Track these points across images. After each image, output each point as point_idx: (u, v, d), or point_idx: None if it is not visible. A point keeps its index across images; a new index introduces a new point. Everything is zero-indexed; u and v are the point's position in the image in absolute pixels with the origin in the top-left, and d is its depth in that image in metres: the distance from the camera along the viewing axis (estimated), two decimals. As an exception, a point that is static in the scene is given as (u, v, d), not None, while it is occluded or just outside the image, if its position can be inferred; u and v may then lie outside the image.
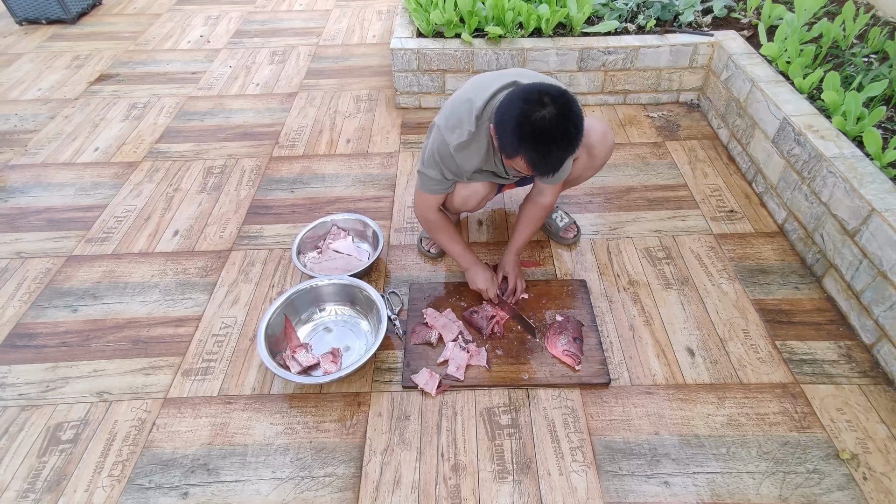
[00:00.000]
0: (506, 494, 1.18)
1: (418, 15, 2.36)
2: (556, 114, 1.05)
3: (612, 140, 1.50)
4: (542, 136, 1.06)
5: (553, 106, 1.06)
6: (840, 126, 1.65)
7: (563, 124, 1.06)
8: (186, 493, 1.20)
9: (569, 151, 1.10)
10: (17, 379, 1.44)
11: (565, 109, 1.06)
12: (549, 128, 1.05)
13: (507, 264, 1.56)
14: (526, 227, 1.52)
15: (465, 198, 1.46)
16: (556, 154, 1.08)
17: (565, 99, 1.08)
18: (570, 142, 1.08)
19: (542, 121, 1.05)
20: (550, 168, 1.12)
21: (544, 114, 1.05)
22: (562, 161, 1.11)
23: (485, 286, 1.51)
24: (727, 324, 1.50)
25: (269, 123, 2.43)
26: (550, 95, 1.07)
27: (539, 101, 1.06)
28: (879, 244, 1.36)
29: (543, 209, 1.49)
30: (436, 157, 1.33)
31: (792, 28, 2.05)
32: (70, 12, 3.35)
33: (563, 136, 1.07)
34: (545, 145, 1.07)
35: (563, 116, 1.06)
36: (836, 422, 1.27)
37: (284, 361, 1.40)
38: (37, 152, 2.30)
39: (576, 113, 1.08)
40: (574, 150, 1.11)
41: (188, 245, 1.83)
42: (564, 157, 1.10)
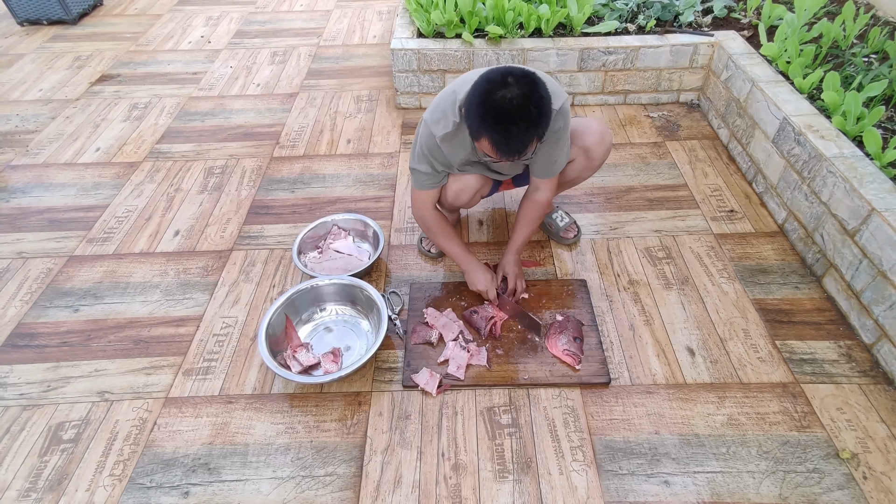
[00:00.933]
0: (506, 494, 1.18)
1: (419, 15, 2.36)
2: (519, 94, 1.06)
3: (609, 140, 1.50)
4: (501, 116, 1.06)
5: (516, 86, 1.06)
6: (840, 126, 1.65)
7: (524, 104, 1.06)
8: (187, 492, 1.20)
9: (531, 132, 1.09)
10: (18, 379, 1.45)
11: (528, 90, 1.06)
12: (510, 107, 1.06)
13: (507, 265, 1.56)
14: (524, 226, 1.52)
15: (457, 191, 1.46)
16: (517, 134, 1.08)
17: (528, 80, 1.08)
18: (532, 122, 1.07)
19: (502, 100, 1.06)
20: (513, 149, 1.11)
21: (505, 93, 1.06)
22: (524, 142, 1.09)
23: (484, 287, 1.51)
24: (727, 323, 1.51)
25: (269, 124, 2.44)
26: (514, 76, 1.07)
27: (502, 81, 1.07)
28: (879, 244, 1.36)
29: (540, 206, 1.47)
30: (424, 150, 1.34)
31: (792, 28, 2.06)
32: (71, 13, 3.36)
33: (523, 116, 1.06)
34: (505, 125, 1.07)
35: (524, 96, 1.06)
36: (836, 421, 1.28)
37: (285, 361, 1.40)
38: (38, 153, 2.30)
39: (539, 94, 1.08)
40: (538, 132, 1.10)
41: (189, 245, 1.83)
42: (526, 138, 1.09)
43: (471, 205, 1.57)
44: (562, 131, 1.32)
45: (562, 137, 1.34)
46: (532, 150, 1.17)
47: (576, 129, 1.48)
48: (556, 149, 1.35)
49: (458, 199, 1.49)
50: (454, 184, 1.45)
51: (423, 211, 1.48)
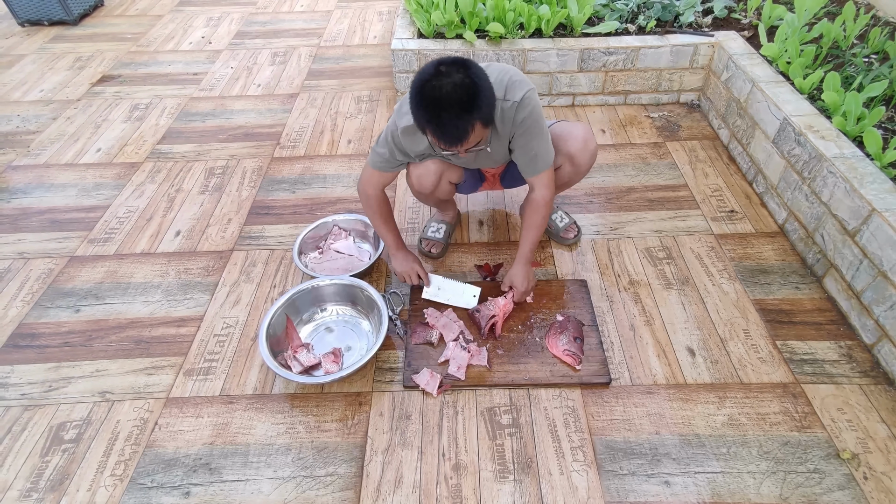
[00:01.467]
0: (507, 494, 1.18)
1: (419, 16, 2.37)
2: (448, 81, 1.07)
3: (593, 146, 1.49)
4: (433, 104, 1.09)
5: (446, 75, 1.08)
6: (840, 126, 1.65)
7: (454, 91, 1.07)
8: (188, 492, 1.20)
9: (465, 118, 1.09)
10: (19, 379, 1.45)
11: (458, 76, 1.08)
12: (440, 95, 1.07)
13: (515, 276, 1.51)
14: (528, 231, 1.48)
15: (419, 177, 1.46)
16: (450, 120, 1.09)
17: (459, 66, 1.09)
18: (464, 107, 1.08)
19: (432, 89, 1.08)
20: (451, 136, 1.11)
21: (435, 82, 1.08)
22: (460, 128, 1.09)
23: (402, 270, 1.54)
24: (728, 324, 1.51)
25: (270, 124, 2.44)
26: (445, 65, 1.09)
27: (434, 72, 1.09)
28: (880, 244, 1.36)
29: (539, 207, 1.44)
30: (388, 137, 1.37)
31: (792, 28, 2.06)
32: (72, 14, 3.37)
33: (454, 103, 1.07)
34: (436, 112, 1.09)
35: (454, 83, 1.07)
36: (837, 421, 1.28)
37: (286, 361, 1.41)
38: (39, 153, 2.31)
39: (471, 80, 1.08)
40: (473, 116, 1.09)
41: (190, 245, 1.84)
42: (461, 124, 1.09)
43: (442, 192, 1.55)
44: (530, 123, 1.29)
45: (533, 129, 1.31)
46: (481, 137, 1.17)
47: (559, 135, 1.47)
48: (532, 141, 1.32)
49: (423, 184, 1.48)
50: (415, 170, 1.46)
51: (368, 189, 1.48)
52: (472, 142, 1.16)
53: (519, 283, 1.50)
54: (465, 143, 1.14)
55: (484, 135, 1.19)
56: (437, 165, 1.45)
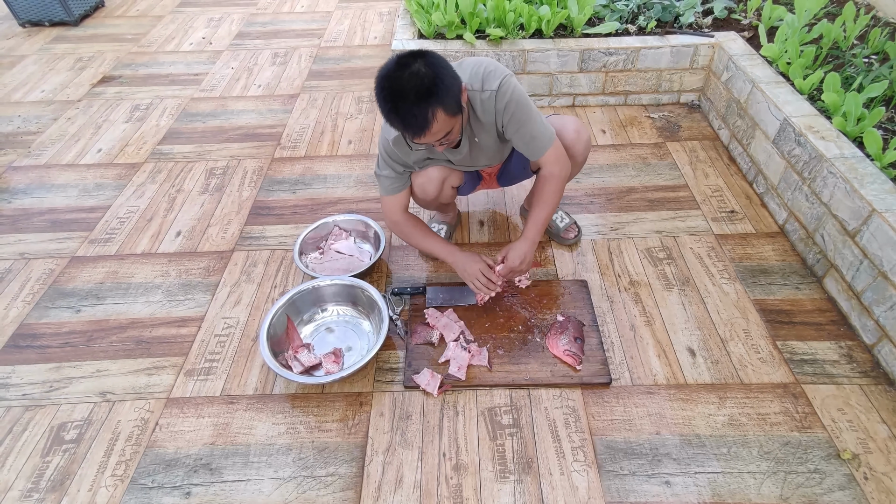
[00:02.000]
0: (507, 494, 1.18)
1: (420, 16, 2.37)
2: (406, 72, 1.08)
3: (586, 136, 1.49)
4: (391, 95, 1.09)
5: (405, 66, 1.09)
6: (840, 127, 1.65)
7: (410, 79, 1.08)
8: (189, 492, 1.21)
9: (421, 105, 1.08)
10: (20, 379, 1.45)
11: (415, 66, 1.09)
12: (397, 85, 1.08)
13: (512, 249, 1.42)
14: (536, 207, 1.41)
15: (422, 185, 1.46)
16: (408, 109, 1.09)
17: (416, 56, 1.11)
18: (420, 95, 1.08)
19: (390, 80, 1.09)
20: (412, 125, 1.11)
21: (393, 74, 1.09)
22: (418, 116, 1.09)
23: (476, 271, 1.43)
24: (728, 324, 1.51)
25: (270, 125, 2.44)
26: (404, 57, 1.10)
27: (394, 65, 1.10)
28: (880, 244, 1.36)
29: (550, 180, 1.37)
30: (383, 154, 1.38)
31: (792, 29, 2.06)
32: (73, 14, 3.37)
33: (410, 91, 1.08)
34: (395, 103, 1.10)
35: (411, 73, 1.08)
36: (837, 422, 1.28)
37: (286, 361, 1.41)
38: (40, 154, 2.31)
39: (427, 70, 1.08)
40: (430, 104, 1.09)
41: (191, 246, 1.84)
42: (419, 112, 1.09)
43: (445, 197, 1.55)
44: (514, 108, 1.28)
45: (519, 114, 1.29)
46: (450, 128, 1.16)
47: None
48: (524, 126, 1.30)
49: (426, 193, 1.48)
50: (417, 178, 1.45)
51: (395, 216, 1.48)
52: (438, 132, 1.14)
53: (512, 257, 1.41)
54: (430, 133, 1.13)
55: (452, 124, 1.17)
56: (438, 172, 1.45)
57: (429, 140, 1.17)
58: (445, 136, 1.19)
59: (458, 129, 1.22)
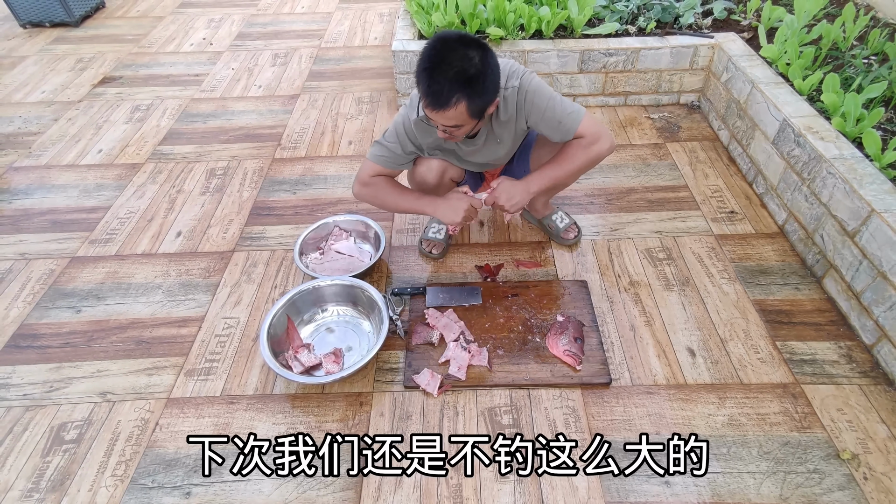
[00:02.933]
0: (507, 494, 1.18)
1: (420, 17, 2.37)
2: (464, 51, 1.12)
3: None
4: (435, 57, 1.12)
5: (465, 45, 1.13)
6: (840, 127, 1.65)
7: (460, 60, 1.11)
8: (189, 492, 1.21)
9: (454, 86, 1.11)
10: (21, 379, 1.45)
11: (472, 52, 1.12)
12: (445, 54, 1.12)
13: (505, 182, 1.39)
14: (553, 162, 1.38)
15: (421, 174, 1.50)
16: (440, 80, 1.11)
17: (479, 47, 1.14)
18: (458, 77, 1.11)
19: (444, 44, 1.13)
20: (434, 94, 1.13)
21: (454, 45, 1.13)
22: (444, 92, 1.11)
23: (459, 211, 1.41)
24: (728, 324, 1.51)
25: (271, 125, 2.44)
26: (470, 38, 1.14)
27: (457, 36, 1.14)
28: (879, 245, 1.36)
29: (583, 147, 1.34)
30: (399, 129, 1.39)
31: (792, 30, 2.06)
32: (73, 15, 3.38)
33: (452, 67, 1.11)
34: (433, 66, 1.12)
35: (466, 56, 1.11)
36: (837, 422, 1.28)
37: (287, 362, 1.41)
38: (41, 154, 2.31)
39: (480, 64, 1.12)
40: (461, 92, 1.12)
41: (191, 246, 1.84)
42: (448, 91, 1.11)
43: (444, 189, 1.56)
44: (537, 97, 1.31)
45: (541, 101, 1.31)
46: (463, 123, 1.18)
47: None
48: (548, 112, 1.32)
49: (425, 181, 1.50)
50: (420, 165, 1.49)
51: (368, 179, 1.44)
52: (451, 119, 1.17)
53: (500, 192, 1.39)
54: (444, 115, 1.15)
55: (466, 122, 1.20)
56: (439, 163, 1.47)
57: (438, 120, 1.19)
58: (454, 126, 1.21)
59: (467, 129, 1.24)
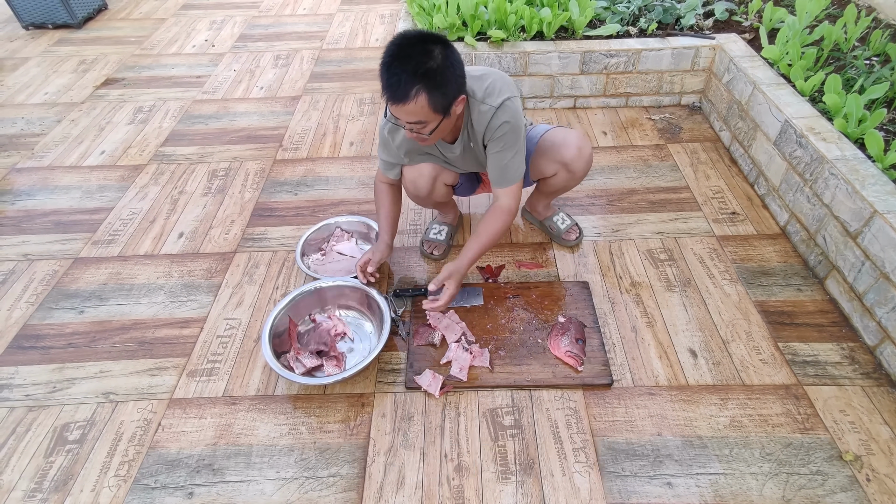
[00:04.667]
0: (509, 495, 1.18)
1: (421, 18, 2.38)
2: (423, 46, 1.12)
3: (588, 153, 1.49)
4: (395, 51, 1.13)
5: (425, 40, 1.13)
6: (842, 128, 1.65)
7: (419, 53, 1.11)
8: (192, 493, 1.21)
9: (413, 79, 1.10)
10: (24, 380, 1.46)
11: (432, 46, 1.13)
12: (405, 47, 1.12)
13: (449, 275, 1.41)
14: (476, 238, 1.41)
15: (413, 180, 1.48)
16: (399, 73, 1.11)
17: (441, 43, 1.14)
18: (415, 69, 1.10)
19: (404, 39, 1.13)
20: (390, 86, 1.12)
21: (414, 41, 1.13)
22: (402, 84, 1.11)
23: (365, 256, 1.52)
24: (729, 325, 1.51)
25: (272, 126, 2.45)
26: (432, 34, 1.15)
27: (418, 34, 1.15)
28: (882, 246, 1.36)
29: (498, 214, 1.38)
30: (380, 134, 1.43)
31: (793, 31, 2.06)
32: (76, 17, 3.39)
33: (411, 60, 1.10)
34: (392, 59, 1.12)
35: (425, 50, 1.12)
36: (840, 423, 1.27)
37: (288, 363, 1.41)
38: (43, 155, 2.32)
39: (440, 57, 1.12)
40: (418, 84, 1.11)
41: (193, 247, 1.84)
42: (406, 83, 1.10)
43: (439, 195, 1.55)
44: (506, 131, 1.27)
45: (507, 139, 1.29)
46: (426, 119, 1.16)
47: (554, 143, 1.48)
48: (506, 152, 1.30)
49: (418, 188, 1.50)
50: (409, 173, 1.48)
51: (378, 182, 1.57)
52: (412, 113, 1.15)
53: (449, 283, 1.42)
54: (404, 109, 1.14)
55: (429, 118, 1.17)
56: (430, 169, 1.46)
57: (400, 115, 1.17)
58: (417, 123, 1.18)
59: (432, 127, 1.20)
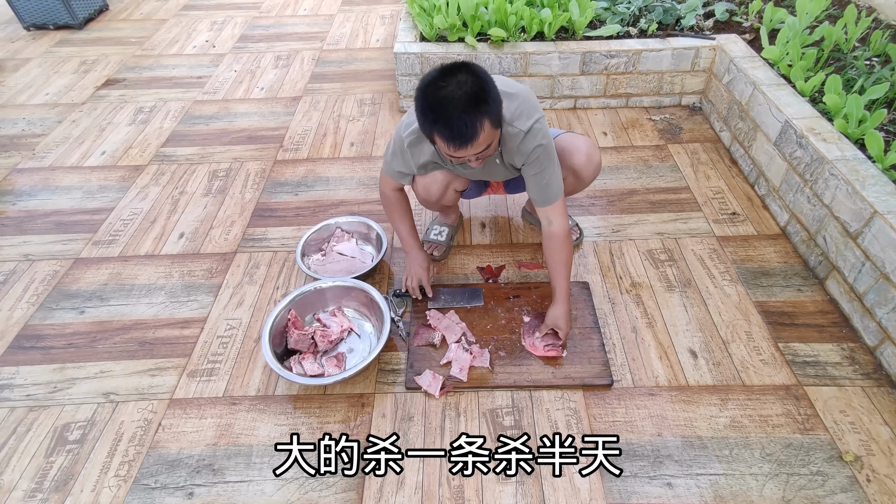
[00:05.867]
0: (509, 495, 1.18)
1: (422, 19, 2.38)
2: (454, 80, 1.08)
3: (597, 160, 1.49)
4: (438, 103, 1.08)
5: (450, 75, 1.08)
6: (842, 129, 1.65)
7: (458, 87, 1.07)
8: (192, 493, 1.21)
9: (472, 114, 1.07)
10: (24, 380, 1.46)
11: (461, 76, 1.08)
12: (445, 94, 1.07)
13: (559, 317, 1.41)
14: (559, 267, 1.40)
15: (426, 186, 1.48)
16: (458, 117, 1.07)
17: (461, 67, 1.10)
18: (470, 102, 1.07)
19: (437, 89, 1.08)
20: (462, 135, 1.09)
21: (440, 83, 1.08)
22: (468, 125, 1.07)
23: (416, 277, 1.53)
24: (730, 326, 1.51)
25: (273, 127, 2.45)
26: (448, 67, 1.10)
27: (438, 74, 1.10)
28: (882, 246, 1.36)
29: (559, 240, 1.37)
30: (396, 150, 1.40)
31: (793, 31, 2.06)
32: (77, 18, 3.39)
33: (461, 99, 1.06)
34: (443, 111, 1.08)
35: (459, 82, 1.07)
36: (840, 424, 1.27)
37: (290, 365, 1.41)
38: (44, 156, 2.32)
39: (475, 78, 1.08)
40: (481, 113, 1.08)
41: (193, 247, 1.85)
42: (470, 120, 1.07)
43: (447, 199, 1.56)
44: (541, 153, 1.28)
45: (543, 159, 1.29)
46: (491, 140, 1.15)
47: (564, 148, 1.47)
48: (544, 171, 1.31)
49: (430, 193, 1.50)
50: (422, 179, 1.47)
51: (387, 189, 1.53)
52: (483, 143, 1.13)
53: (563, 324, 1.41)
54: (476, 144, 1.11)
55: (494, 137, 1.16)
56: (443, 175, 1.45)
57: (472, 152, 1.14)
58: (486, 148, 1.16)
59: (496, 143, 1.19)
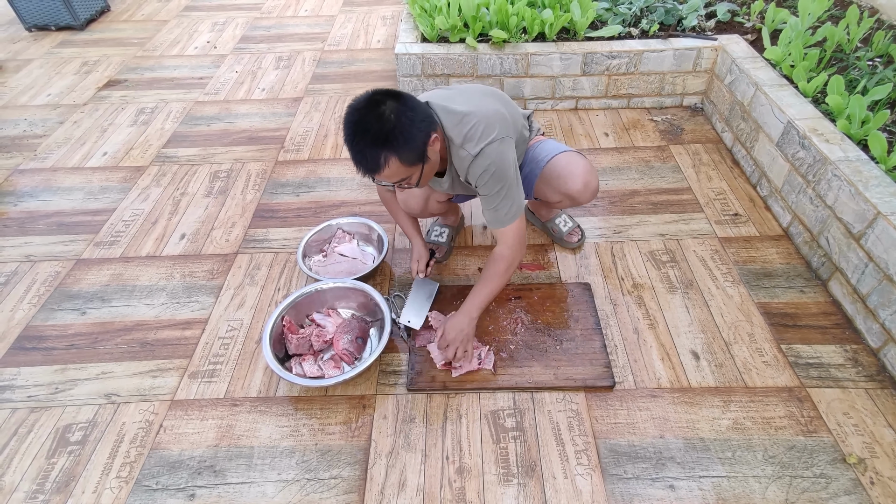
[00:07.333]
0: (510, 497, 1.18)
1: (423, 20, 2.38)
2: (373, 111, 1.08)
3: (594, 187, 1.47)
4: (348, 128, 1.09)
5: (375, 104, 1.08)
6: (845, 129, 1.65)
7: (370, 120, 1.07)
8: (193, 494, 1.21)
9: (377, 148, 1.07)
10: (26, 381, 1.46)
11: (383, 108, 1.08)
12: (356, 120, 1.08)
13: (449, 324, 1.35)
14: (482, 284, 1.34)
15: (404, 200, 1.52)
16: (361, 148, 1.08)
17: (391, 97, 1.09)
18: (374, 139, 1.07)
19: (353, 113, 1.09)
20: (362, 165, 1.10)
21: (359, 108, 1.09)
22: (368, 158, 1.08)
23: (414, 262, 1.57)
24: (732, 327, 1.50)
25: (274, 128, 2.45)
26: (380, 94, 1.10)
27: (365, 98, 1.10)
28: (885, 247, 1.35)
29: (499, 261, 1.31)
30: None
31: (796, 32, 2.06)
32: (79, 19, 3.40)
33: (366, 132, 1.07)
34: (353, 137, 1.09)
35: (376, 115, 1.07)
36: (843, 426, 1.27)
37: (291, 367, 1.41)
38: (46, 157, 2.32)
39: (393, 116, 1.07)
40: (383, 151, 1.07)
41: (195, 248, 1.85)
42: (371, 154, 1.08)
43: (429, 211, 1.57)
44: (489, 178, 1.21)
45: (492, 184, 1.22)
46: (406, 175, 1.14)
47: (559, 173, 1.45)
48: (494, 195, 1.24)
49: (409, 207, 1.52)
50: (400, 193, 1.50)
51: (381, 192, 1.58)
52: (392, 176, 1.12)
53: (447, 331, 1.34)
54: (381, 175, 1.11)
55: (409, 172, 1.14)
56: (421, 191, 1.46)
57: (382, 180, 1.15)
58: (402, 181, 1.16)
59: (417, 177, 1.17)
